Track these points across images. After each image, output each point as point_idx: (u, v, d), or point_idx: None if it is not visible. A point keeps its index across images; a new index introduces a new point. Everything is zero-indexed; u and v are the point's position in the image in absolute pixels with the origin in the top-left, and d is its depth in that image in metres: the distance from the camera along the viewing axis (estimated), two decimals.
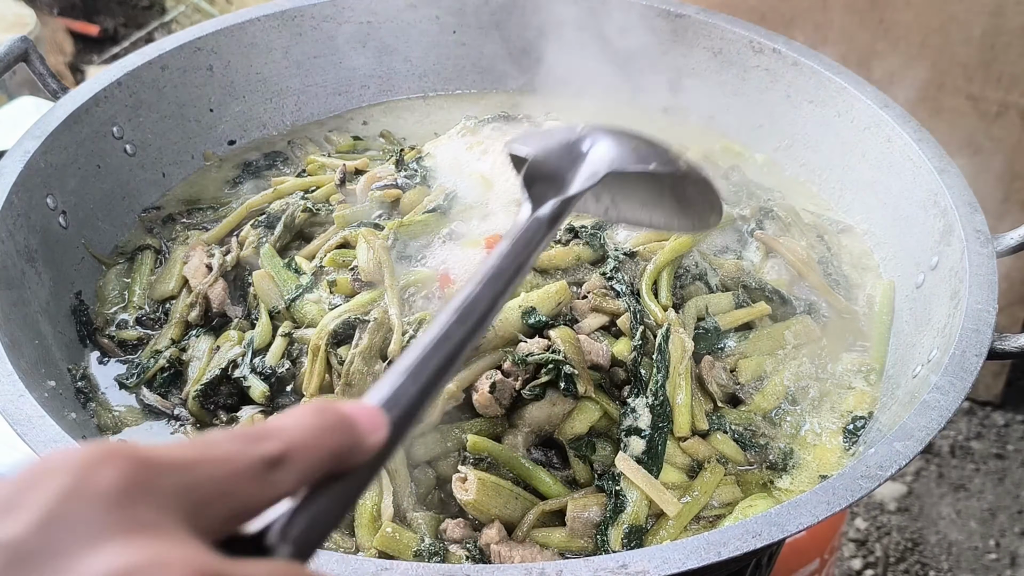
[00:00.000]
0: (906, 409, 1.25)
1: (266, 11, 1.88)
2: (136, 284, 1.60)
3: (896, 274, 1.59)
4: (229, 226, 1.63)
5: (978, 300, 1.33)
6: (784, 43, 1.81)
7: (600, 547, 1.23)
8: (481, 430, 1.30)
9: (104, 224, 1.67)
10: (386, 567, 1.01)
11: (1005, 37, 2.69)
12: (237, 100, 1.89)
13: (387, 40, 1.97)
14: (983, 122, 2.82)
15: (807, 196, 1.78)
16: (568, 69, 1.97)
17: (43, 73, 1.66)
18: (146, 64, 1.74)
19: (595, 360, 1.33)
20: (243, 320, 1.50)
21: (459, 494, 1.24)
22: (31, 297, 1.44)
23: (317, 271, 1.48)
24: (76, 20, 4.38)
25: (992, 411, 3.34)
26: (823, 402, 1.42)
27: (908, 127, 1.62)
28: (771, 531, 1.05)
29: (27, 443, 1.16)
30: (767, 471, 1.34)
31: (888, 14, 2.72)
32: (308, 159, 1.78)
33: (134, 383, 1.45)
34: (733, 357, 1.42)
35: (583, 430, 1.30)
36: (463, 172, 1.61)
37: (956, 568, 2.93)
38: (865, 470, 1.12)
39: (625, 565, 1.01)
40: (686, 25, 1.88)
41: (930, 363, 1.34)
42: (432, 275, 1.42)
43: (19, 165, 1.50)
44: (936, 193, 1.52)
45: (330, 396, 1.34)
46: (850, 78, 1.73)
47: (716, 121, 1.92)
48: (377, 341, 1.34)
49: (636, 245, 1.47)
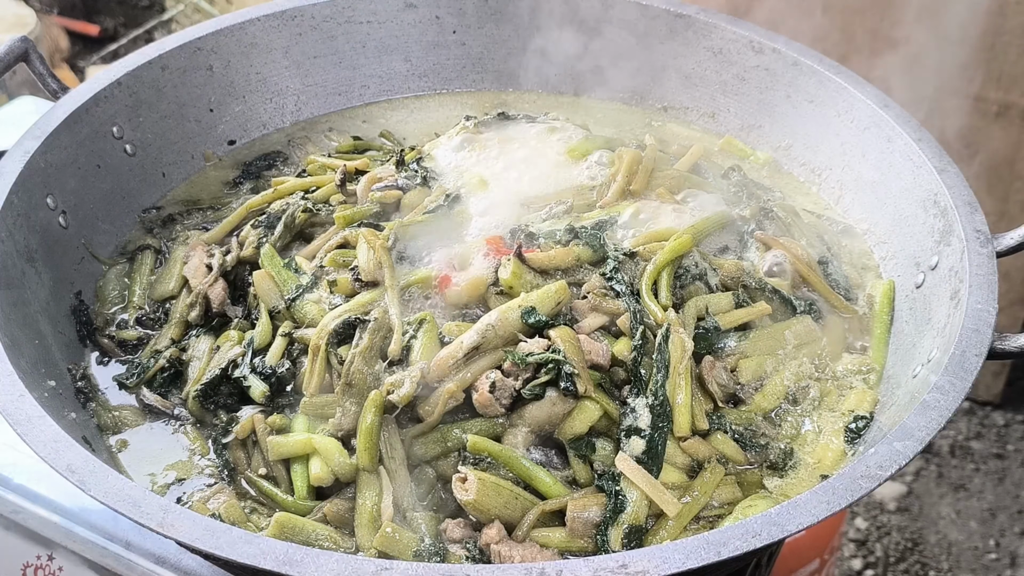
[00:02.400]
0: (906, 409, 1.25)
1: (266, 11, 1.88)
2: (136, 284, 1.60)
3: (896, 274, 1.59)
4: (229, 226, 1.63)
5: (978, 300, 1.33)
6: (784, 43, 1.81)
7: (600, 547, 1.23)
8: (481, 430, 1.30)
9: (104, 224, 1.67)
10: (386, 567, 1.01)
11: (1005, 37, 2.70)
12: (237, 100, 1.89)
13: (387, 40, 1.97)
14: (983, 122, 2.82)
15: (807, 196, 1.78)
16: (568, 69, 1.97)
17: (43, 73, 1.66)
18: (146, 64, 1.74)
19: (595, 360, 1.33)
20: (243, 320, 1.50)
21: (459, 494, 1.24)
22: (31, 297, 1.44)
23: (317, 271, 1.48)
24: (76, 20, 4.38)
25: (992, 411, 3.34)
26: (823, 402, 1.42)
27: (908, 127, 1.62)
28: (771, 531, 1.05)
29: (27, 443, 1.16)
30: (767, 470, 1.34)
31: (888, 14, 2.72)
32: (308, 159, 1.78)
33: (134, 383, 1.45)
34: (734, 357, 1.42)
35: (583, 430, 1.30)
36: (463, 172, 1.61)
37: (956, 568, 2.94)
38: (865, 470, 1.12)
39: (625, 565, 1.01)
40: (686, 25, 1.88)
41: (930, 363, 1.34)
42: (432, 275, 1.42)
43: (19, 165, 1.50)
44: (936, 193, 1.52)
45: (330, 396, 1.34)
46: (850, 78, 1.73)
47: (716, 121, 1.92)
48: (377, 341, 1.34)
49: (636, 245, 1.47)
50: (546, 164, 1.63)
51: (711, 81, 1.90)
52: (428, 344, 1.33)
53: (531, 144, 1.67)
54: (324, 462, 1.29)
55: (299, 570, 1.00)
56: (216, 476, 1.35)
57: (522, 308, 1.34)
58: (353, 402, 1.30)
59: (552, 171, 1.61)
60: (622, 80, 1.95)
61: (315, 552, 1.02)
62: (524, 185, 1.58)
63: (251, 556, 1.02)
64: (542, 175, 1.60)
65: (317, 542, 1.23)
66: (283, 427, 1.35)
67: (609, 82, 1.96)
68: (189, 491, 1.33)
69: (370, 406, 1.28)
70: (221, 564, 1.32)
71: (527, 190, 1.58)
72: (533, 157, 1.64)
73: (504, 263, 1.39)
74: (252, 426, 1.36)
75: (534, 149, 1.65)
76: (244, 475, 1.35)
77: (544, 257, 1.42)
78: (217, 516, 1.27)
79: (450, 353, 1.31)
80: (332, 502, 1.28)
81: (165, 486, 1.34)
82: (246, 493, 1.34)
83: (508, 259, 1.39)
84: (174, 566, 1.38)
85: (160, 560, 1.38)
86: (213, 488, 1.33)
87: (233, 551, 1.03)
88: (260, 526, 1.28)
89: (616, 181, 1.58)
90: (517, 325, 1.33)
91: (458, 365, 1.30)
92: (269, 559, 1.01)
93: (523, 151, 1.65)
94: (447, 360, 1.30)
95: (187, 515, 1.07)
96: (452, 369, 1.30)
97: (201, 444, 1.39)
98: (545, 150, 1.66)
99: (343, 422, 1.30)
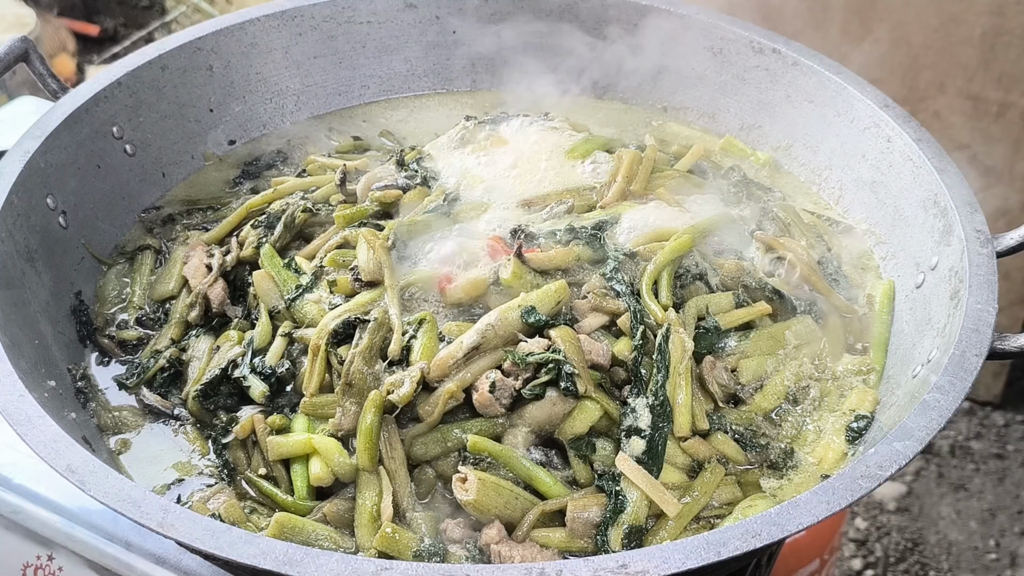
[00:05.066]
0: (906, 409, 1.25)
1: (266, 11, 1.88)
2: (136, 284, 1.60)
3: (896, 274, 1.59)
4: (229, 226, 1.63)
5: (978, 300, 1.33)
6: (784, 43, 1.81)
7: (600, 547, 1.23)
8: (481, 430, 1.30)
9: (104, 224, 1.67)
10: (386, 567, 1.01)
11: (1005, 37, 2.70)
12: (237, 100, 1.89)
13: (387, 40, 1.98)
14: (983, 122, 2.82)
15: (807, 196, 1.78)
16: (568, 69, 1.97)
17: (43, 73, 1.66)
18: (146, 64, 1.74)
19: (595, 360, 1.33)
20: (243, 320, 1.50)
21: (459, 494, 1.24)
22: (31, 297, 1.44)
23: (317, 271, 1.48)
24: (76, 20, 4.38)
25: (992, 411, 3.34)
26: (824, 402, 1.42)
27: (908, 127, 1.62)
28: (771, 531, 1.05)
29: (27, 443, 1.16)
30: (768, 470, 1.34)
31: (888, 14, 2.72)
32: (308, 159, 1.78)
33: (134, 383, 1.45)
34: (734, 357, 1.42)
35: (583, 430, 1.30)
36: (463, 172, 1.61)
37: (956, 568, 2.94)
38: (865, 470, 1.12)
39: (625, 565, 1.01)
40: (686, 25, 1.88)
41: (930, 363, 1.34)
42: (432, 275, 1.42)
43: (19, 165, 1.50)
44: (936, 193, 1.52)
45: (330, 396, 1.34)
46: (850, 78, 1.73)
47: (716, 121, 1.92)
48: (377, 341, 1.34)
49: (636, 245, 1.47)
50: (546, 164, 1.63)
51: (711, 81, 1.90)
52: (428, 344, 1.33)
53: (531, 144, 1.67)
54: (324, 462, 1.29)
55: (299, 570, 1.00)
56: (216, 476, 1.35)
57: (522, 308, 1.34)
58: (353, 402, 1.30)
59: (552, 171, 1.62)
60: (622, 80, 1.95)
61: (315, 552, 1.02)
62: (524, 185, 1.58)
63: (251, 556, 1.02)
64: (542, 175, 1.60)
65: (317, 542, 1.23)
66: (283, 427, 1.35)
67: (609, 82, 1.97)
68: (189, 491, 1.33)
69: (370, 406, 1.28)
70: (221, 564, 1.32)
71: (527, 190, 1.58)
72: (533, 157, 1.64)
73: (504, 263, 1.39)
74: (252, 426, 1.36)
75: (534, 149, 1.66)
76: (244, 475, 1.35)
77: (544, 257, 1.42)
78: (217, 516, 1.27)
79: (450, 353, 1.31)
80: (332, 502, 1.28)
81: (165, 486, 1.34)
82: (246, 493, 1.34)
83: (508, 259, 1.39)
84: (174, 566, 1.37)
85: (160, 560, 1.38)
86: (213, 488, 1.33)
87: (233, 551, 1.03)
88: (260, 526, 1.28)
89: (616, 181, 1.58)
90: (517, 325, 1.33)
91: (458, 365, 1.30)
92: (269, 559, 1.01)
93: (523, 151, 1.65)
94: (447, 360, 1.30)
95: (187, 515, 1.07)
96: (452, 369, 1.30)
97: (201, 444, 1.39)
98: (545, 150, 1.66)
99: (343, 422, 1.30)
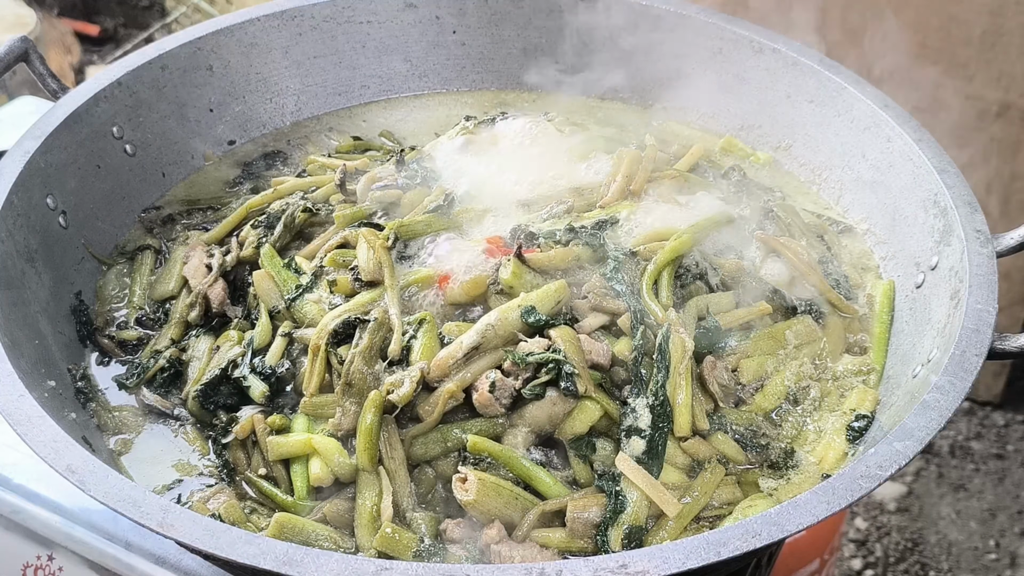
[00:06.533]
0: (906, 409, 1.25)
1: (266, 11, 1.88)
2: (136, 284, 1.60)
3: (896, 274, 1.59)
4: (229, 226, 1.63)
5: (978, 300, 1.33)
6: (784, 43, 1.81)
7: (600, 547, 1.23)
8: (481, 430, 1.30)
9: (104, 224, 1.67)
10: (386, 567, 1.01)
11: (1005, 37, 2.70)
12: (237, 100, 1.89)
13: (387, 40, 1.97)
14: (983, 122, 2.82)
15: (807, 196, 1.78)
16: (568, 69, 1.97)
17: (43, 73, 1.66)
18: (146, 64, 1.74)
19: (595, 359, 1.33)
20: (243, 320, 1.50)
21: (459, 494, 1.24)
22: (31, 297, 1.44)
23: (317, 271, 1.48)
24: (76, 20, 4.38)
25: (992, 411, 3.34)
26: (824, 402, 1.42)
27: (908, 127, 1.62)
28: (771, 531, 1.05)
29: (27, 443, 1.16)
30: (768, 470, 1.34)
31: (888, 14, 2.72)
32: (308, 159, 1.78)
33: (134, 383, 1.45)
34: (735, 357, 1.42)
35: (583, 430, 1.30)
36: (463, 172, 1.61)
37: (956, 568, 2.94)
38: (865, 470, 1.12)
39: (625, 565, 1.01)
40: (686, 25, 1.88)
41: (930, 363, 1.34)
42: (432, 275, 1.42)
43: (19, 165, 1.50)
44: (936, 193, 1.52)
45: (330, 396, 1.34)
46: (850, 78, 1.73)
47: (716, 121, 1.92)
48: (377, 341, 1.34)
49: (636, 245, 1.47)
50: (546, 164, 1.63)
51: (711, 81, 1.90)
52: (428, 344, 1.33)
53: (531, 144, 1.67)
54: (324, 462, 1.29)
55: (299, 570, 1.00)
56: (216, 476, 1.35)
57: (522, 308, 1.34)
58: (353, 402, 1.30)
59: (552, 171, 1.61)
60: (622, 80, 1.95)
61: (315, 552, 1.02)
62: (524, 185, 1.58)
63: (251, 556, 1.02)
64: (542, 175, 1.60)
65: (317, 542, 1.23)
66: (283, 427, 1.35)
67: (609, 82, 1.96)
68: (189, 491, 1.33)
69: (370, 406, 1.28)
70: (221, 564, 1.32)
71: (527, 190, 1.58)
72: (533, 157, 1.64)
73: (504, 263, 1.39)
74: (252, 426, 1.36)
75: (534, 149, 1.66)
76: (244, 475, 1.35)
77: (544, 257, 1.42)
78: (217, 516, 1.27)
79: (450, 353, 1.31)
80: (332, 502, 1.28)
81: (165, 486, 1.34)
82: (246, 493, 1.34)
83: (508, 259, 1.39)
84: (174, 566, 1.37)
85: (160, 560, 1.38)
86: (213, 488, 1.33)
87: (233, 551, 1.03)
88: (260, 526, 1.28)
89: (616, 181, 1.58)
90: (517, 325, 1.33)
91: (458, 365, 1.30)
92: (269, 559, 1.01)
93: (523, 151, 1.65)
94: (447, 360, 1.30)
95: (187, 515, 1.07)
96: (452, 369, 1.30)
97: (201, 444, 1.39)
98: (545, 150, 1.66)
99: (343, 422, 1.30)
